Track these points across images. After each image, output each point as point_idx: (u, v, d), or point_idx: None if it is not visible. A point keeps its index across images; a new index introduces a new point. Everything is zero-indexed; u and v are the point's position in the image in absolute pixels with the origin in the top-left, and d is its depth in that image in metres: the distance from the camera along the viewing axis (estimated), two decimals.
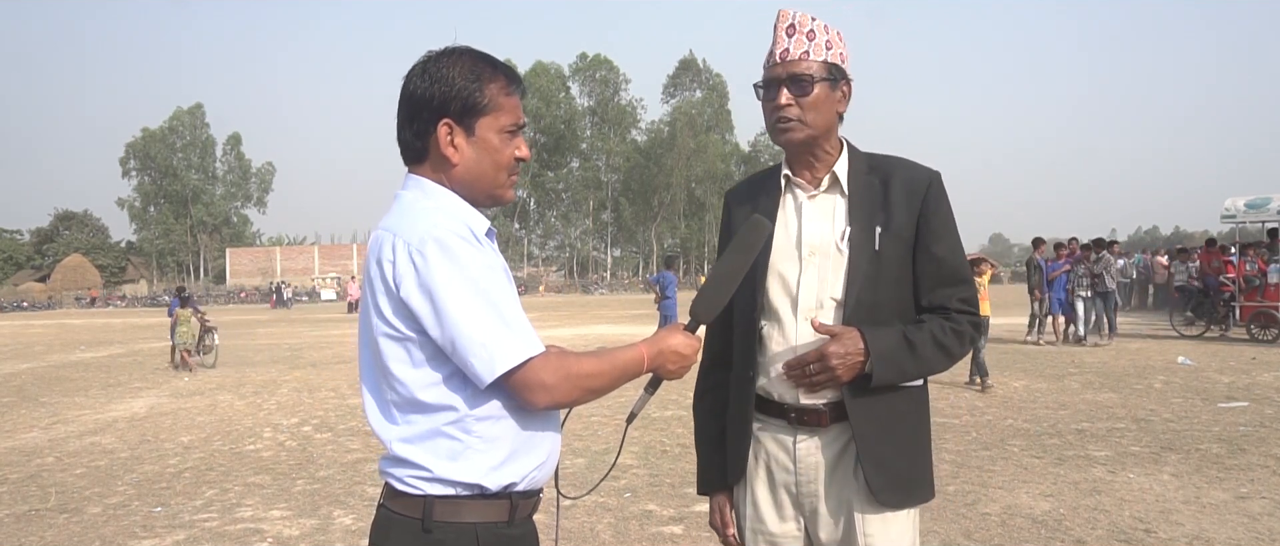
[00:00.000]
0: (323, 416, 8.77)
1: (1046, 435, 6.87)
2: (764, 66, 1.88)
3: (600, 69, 73.06)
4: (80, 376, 13.51)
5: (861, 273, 1.80)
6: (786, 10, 1.84)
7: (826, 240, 1.85)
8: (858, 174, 1.88)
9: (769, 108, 1.86)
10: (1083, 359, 12.17)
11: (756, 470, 1.93)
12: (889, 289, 1.82)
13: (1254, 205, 16.15)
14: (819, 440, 1.85)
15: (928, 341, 1.80)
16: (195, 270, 76.73)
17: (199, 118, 78.12)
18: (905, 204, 1.83)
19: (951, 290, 1.85)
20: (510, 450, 1.55)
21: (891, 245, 1.82)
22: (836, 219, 1.86)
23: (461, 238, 1.50)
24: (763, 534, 1.93)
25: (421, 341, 1.50)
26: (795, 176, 1.91)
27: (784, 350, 1.85)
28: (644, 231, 73.52)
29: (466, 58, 1.60)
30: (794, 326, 1.84)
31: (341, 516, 5.10)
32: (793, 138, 1.84)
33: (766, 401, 1.89)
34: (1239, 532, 4.40)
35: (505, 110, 1.61)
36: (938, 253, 1.84)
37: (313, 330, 24.20)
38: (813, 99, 1.81)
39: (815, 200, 1.89)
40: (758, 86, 1.89)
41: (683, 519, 4.84)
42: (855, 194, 1.86)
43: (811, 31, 1.82)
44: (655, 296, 15.36)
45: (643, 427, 7.33)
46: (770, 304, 1.87)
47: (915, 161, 1.91)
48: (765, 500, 1.92)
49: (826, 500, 1.86)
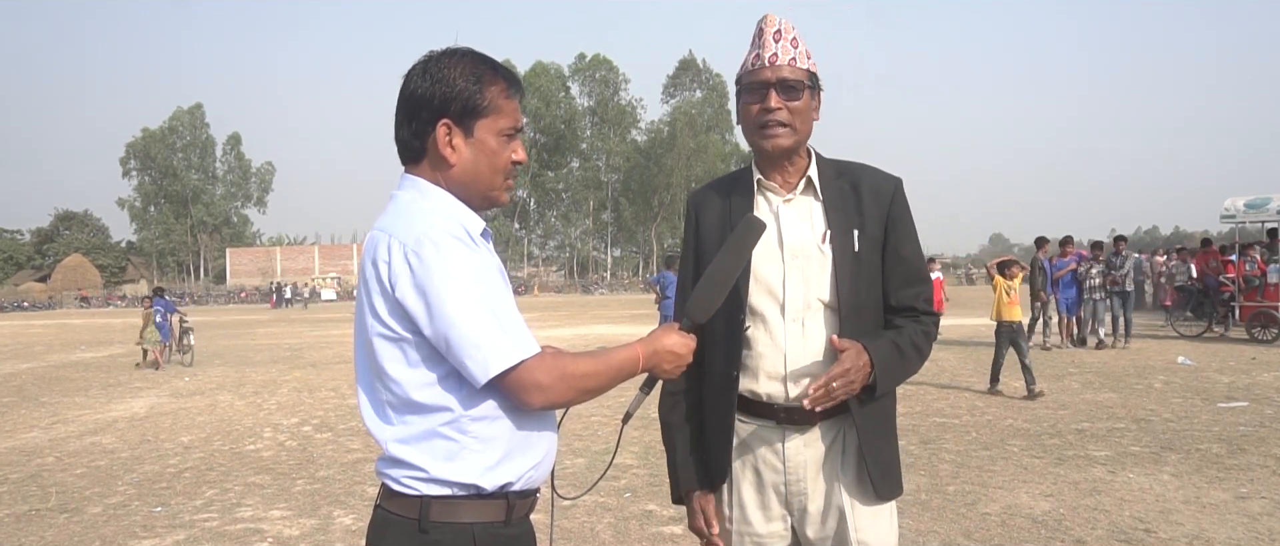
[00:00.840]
0: (323, 416, 8.77)
1: (1046, 435, 6.87)
2: (745, 69, 1.91)
3: (600, 69, 73.14)
4: (80, 376, 13.52)
5: (847, 274, 1.85)
6: (773, 16, 1.88)
7: (808, 242, 1.88)
8: (829, 178, 1.93)
9: (756, 110, 1.87)
10: (1083, 359, 12.18)
11: (743, 471, 1.93)
12: (868, 289, 1.88)
13: (1254, 205, 16.15)
14: (808, 437, 1.87)
15: (909, 347, 1.87)
16: (195, 270, 76.79)
17: (199, 118, 78.22)
18: (876, 208, 1.90)
19: (917, 289, 1.93)
20: (506, 450, 1.55)
21: (867, 247, 1.88)
22: (815, 222, 1.89)
23: (457, 238, 1.50)
24: (749, 535, 1.93)
25: (417, 342, 1.50)
26: (768, 180, 1.93)
27: (773, 351, 1.86)
28: (644, 231, 73.56)
29: (468, 59, 1.60)
30: (782, 328, 1.86)
31: (341, 516, 5.10)
32: (780, 143, 1.86)
33: (751, 402, 1.90)
34: (1239, 532, 4.40)
35: (505, 113, 1.61)
36: (904, 253, 1.91)
37: (313, 330, 24.21)
38: (800, 105, 1.86)
39: (791, 204, 1.92)
40: (739, 90, 1.91)
41: (683, 519, 4.82)
42: (830, 198, 1.90)
43: (795, 39, 1.87)
44: (655, 297, 15.38)
45: (642, 427, 7.33)
46: (755, 306, 1.88)
47: (878, 167, 1.97)
48: (752, 501, 1.92)
49: (816, 497, 1.88)
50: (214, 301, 58.94)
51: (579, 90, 73.93)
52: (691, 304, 1.73)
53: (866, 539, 1.85)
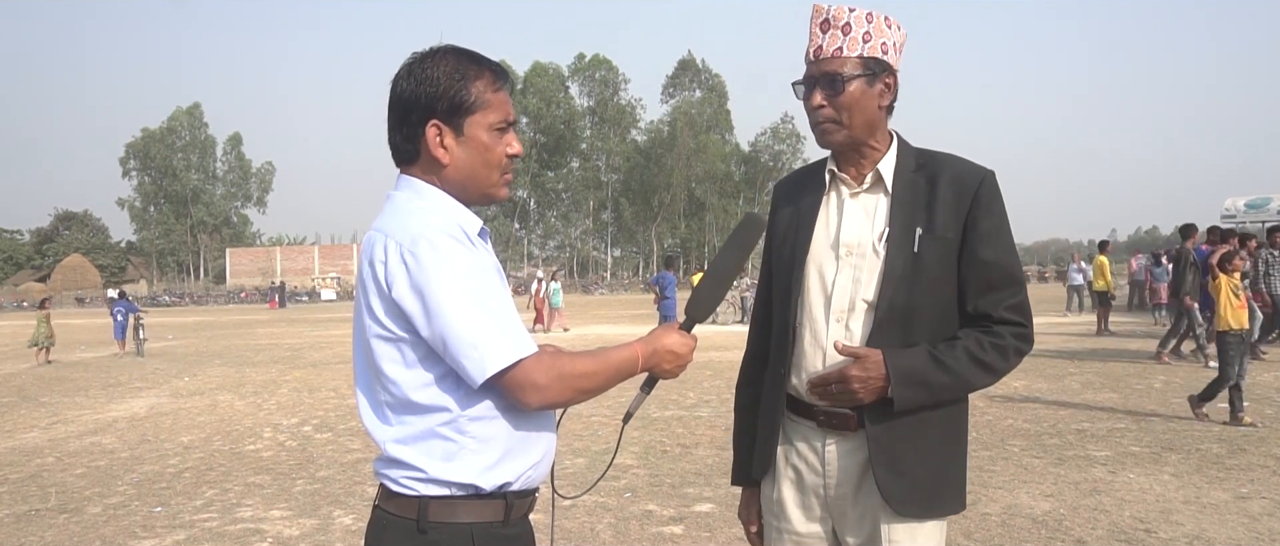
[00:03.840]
0: (323, 416, 8.76)
1: (1046, 435, 6.87)
2: (805, 63, 1.81)
3: (599, 69, 73.13)
4: (80, 376, 13.52)
5: (897, 275, 1.73)
6: (821, 4, 1.76)
7: (864, 240, 1.78)
8: (904, 171, 1.80)
9: (806, 108, 1.80)
10: (1083, 358, 12.16)
11: (785, 469, 1.89)
12: (925, 293, 1.74)
13: (1254, 205, 16.20)
14: (849, 444, 1.79)
15: (963, 358, 1.72)
16: (195, 270, 76.81)
17: (198, 118, 78.26)
18: (953, 204, 1.75)
19: (999, 296, 1.76)
20: (505, 450, 1.55)
21: (932, 247, 1.74)
22: (877, 218, 1.79)
23: (453, 238, 1.50)
24: (789, 533, 1.89)
25: (413, 342, 1.49)
26: (841, 172, 1.84)
27: (815, 350, 1.80)
28: (644, 231, 73.55)
29: (451, 56, 1.59)
30: (825, 327, 1.79)
31: (341, 516, 5.10)
32: (831, 140, 1.79)
33: (797, 401, 1.85)
34: (1239, 532, 4.40)
35: (493, 106, 1.59)
36: (985, 256, 1.75)
37: (313, 330, 24.20)
38: (846, 98, 1.74)
39: (857, 198, 1.82)
40: (796, 85, 1.83)
41: (683, 519, 4.84)
42: (899, 192, 1.78)
43: (847, 25, 1.73)
44: (655, 297, 15.38)
45: (642, 427, 7.33)
46: (808, 303, 1.83)
47: (968, 159, 1.82)
48: (792, 499, 1.88)
49: (855, 505, 1.81)
50: (214, 301, 58.91)
51: (578, 90, 74.00)
52: (691, 303, 1.73)
53: None
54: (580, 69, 73.26)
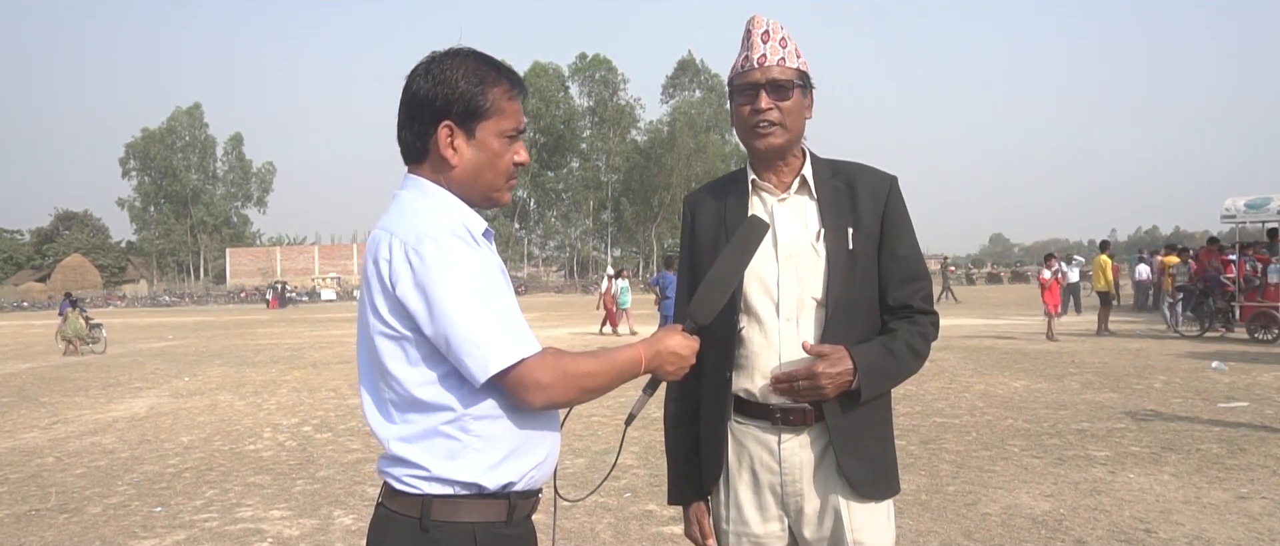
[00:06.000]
0: (323, 416, 8.76)
1: (1046, 435, 6.87)
2: (735, 71, 1.92)
3: (599, 69, 73.10)
4: (80, 376, 13.52)
5: (840, 272, 1.86)
6: (760, 17, 1.90)
7: (801, 241, 1.89)
8: (823, 178, 1.94)
9: (747, 111, 1.88)
10: (1083, 358, 12.17)
11: (739, 472, 1.93)
12: (862, 288, 1.88)
13: (1254, 205, 16.14)
14: (804, 437, 1.87)
15: (904, 349, 1.88)
16: (195, 270, 76.80)
17: (198, 118, 78.22)
18: (871, 206, 1.90)
19: (916, 287, 1.93)
20: (508, 449, 1.55)
21: (863, 245, 1.88)
22: (809, 221, 1.91)
23: (458, 237, 1.50)
24: (746, 535, 1.93)
25: (417, 340, 1.50)
26: (762, 180, 1.94)
27: (767, 351, 1.87)
28: (644, 231, 73.52)
29: (470, 60, 1.59)
30: (776, 327, 1.87)
31: (341, 516, 5.10)
32: (773, 142, 1.88)
33: (747, 403, 1.91)
34: (1239, 532, 4.40)
35: (507, 115, 1.60)
36: (901, 252, 1.91)
37: (313, 330, 24.20)
38: (791, 104, 1.87)
39: (786, 203, 1.93)
40: (731, 92, 1.93)
41: (683, 519, 4.84)
42: (824, 197, 1.91)
43: (784, 39, 1.88)
44: (655, 297, 15.38)
45: (643, 428, 7.33)
46: (751, 305, 1.89)
47: (873, 166, 1.98)
48: (749, 501, 1.92)
49: (812, 498, 1.88)
50: (214, 301, 58.90)
51: (578, 90, 73.93)
52: (694, 305, 1.73)
53: (862, 539, 1.86)
54: (580, 69, 73.20)
